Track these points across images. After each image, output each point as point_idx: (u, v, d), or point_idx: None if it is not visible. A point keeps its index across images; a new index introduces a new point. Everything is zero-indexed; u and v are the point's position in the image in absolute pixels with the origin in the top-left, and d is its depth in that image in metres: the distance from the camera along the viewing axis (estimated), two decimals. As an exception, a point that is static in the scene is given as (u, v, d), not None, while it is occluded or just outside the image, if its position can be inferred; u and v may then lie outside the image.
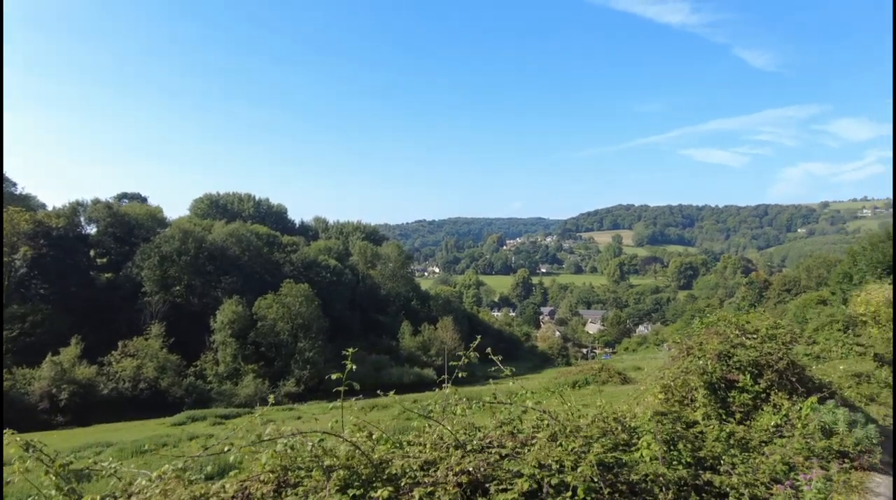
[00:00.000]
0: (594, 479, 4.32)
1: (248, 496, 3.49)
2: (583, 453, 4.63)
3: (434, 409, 5.30)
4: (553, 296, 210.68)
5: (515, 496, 3.89)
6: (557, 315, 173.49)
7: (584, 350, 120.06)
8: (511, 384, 6.51)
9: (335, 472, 3.46)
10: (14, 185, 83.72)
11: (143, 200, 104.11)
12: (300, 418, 39.60)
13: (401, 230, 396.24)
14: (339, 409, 4.86)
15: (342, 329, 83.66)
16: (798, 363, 9.46)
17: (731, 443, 6.56)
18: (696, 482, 5.26)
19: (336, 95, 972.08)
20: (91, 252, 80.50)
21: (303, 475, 3.55)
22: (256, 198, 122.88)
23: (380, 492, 3.46)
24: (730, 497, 5.32)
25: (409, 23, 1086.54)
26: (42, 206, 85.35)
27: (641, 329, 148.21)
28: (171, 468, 3.73)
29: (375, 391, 6.41)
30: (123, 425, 48.26)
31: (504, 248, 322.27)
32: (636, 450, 5.40)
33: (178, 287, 76.39)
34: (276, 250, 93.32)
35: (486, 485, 4.02)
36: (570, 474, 4.27)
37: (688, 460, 5.55)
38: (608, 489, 4.36)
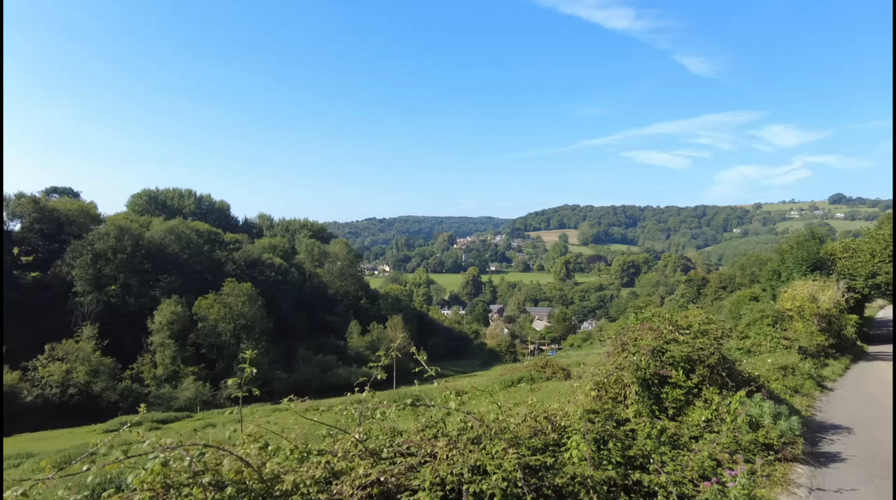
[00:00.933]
0: (517, 484, 4.11)
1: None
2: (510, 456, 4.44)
3: (351, 414, 4.96)
4: (502, 294, 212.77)
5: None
6: (506, 313, 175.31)
7: (532, 347, 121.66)
8: (456, 383, 6.28)
9: (227, 489, 3.08)
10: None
11: (76, 196, 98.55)
12: (240, 422, 38.22)
13: (350, 228, 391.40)
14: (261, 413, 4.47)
15: (288, 330, 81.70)
16: (729, 358, 9.63)
17: (663, 440, 6.51)
18: (626, 482, 5.14)
19: (281, 94, 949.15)
20: (14, 250, 75.46)
21: (184, 494, 3.15)
22: (198, 194, 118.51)
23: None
24: (658, 496, 5.23)
25: (357, 19, 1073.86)
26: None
27: (586, 326, 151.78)
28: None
29: (323, 393, 6.05)
30: (49, 433, 45.38)
31: (455, 246, 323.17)
32: (566, 450, 5.25)
33: (113, 287, 72.73)
34: (218, 247, 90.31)
35: (398, 496, 3.74)
36: (487, 481, 4.04)
37: (618, 459, 5.43)
38: (532, 495, 4.15)
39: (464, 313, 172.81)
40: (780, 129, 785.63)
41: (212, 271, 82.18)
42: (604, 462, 5.25)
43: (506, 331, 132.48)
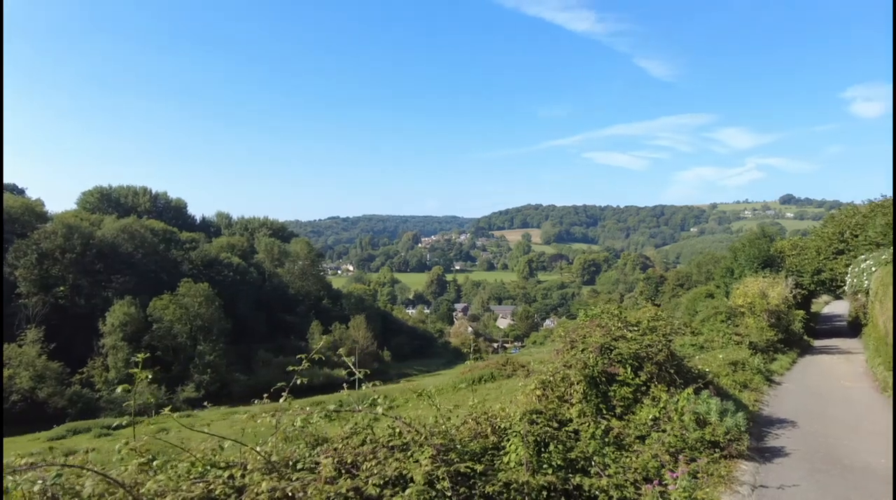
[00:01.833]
0: (446, 494, 3.87)
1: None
2: (442, 462, 4.18)
3: (266, 422, 4.62)
4: (466, 292, 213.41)
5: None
6: (470, 311, 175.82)
7: (495, 345, 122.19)
8: (419, 382, 6.01)
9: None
10: None
11: (21, 192, 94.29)
12: (194, 427, 37.18)
13: (313, 227, 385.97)
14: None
15: (247, 331, 79.97)
16: (677, 355, 9.62)
17: (607, 440, 6.37)
18: (566, 487, 4.97)
19: (241, 91, 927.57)
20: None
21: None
22: (153, 192, 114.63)
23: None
24: (599, 500, 5.08)
25: (319, 15, 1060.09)
26: None
27: (548, 323, 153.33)
28: None
29: (280, 395, 5.71)
30: (-13, 443, 43.01)
31: (419, 245, 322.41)
32: (505, 454, 5.05)
33: (62, 288, 69.82)
34: (174, 246, 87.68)
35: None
36: (407, 492, 3.79)
37: (558, 462, 5.24)
38: (461, 506, 3.93)
39: (428, 312, 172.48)
40: (735, 131, 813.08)
41: (167, 270, 79.74)
42: (544, 466, 5.05)
43: (470, 329, 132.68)
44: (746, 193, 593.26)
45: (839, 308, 52.19)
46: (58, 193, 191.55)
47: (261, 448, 4.09)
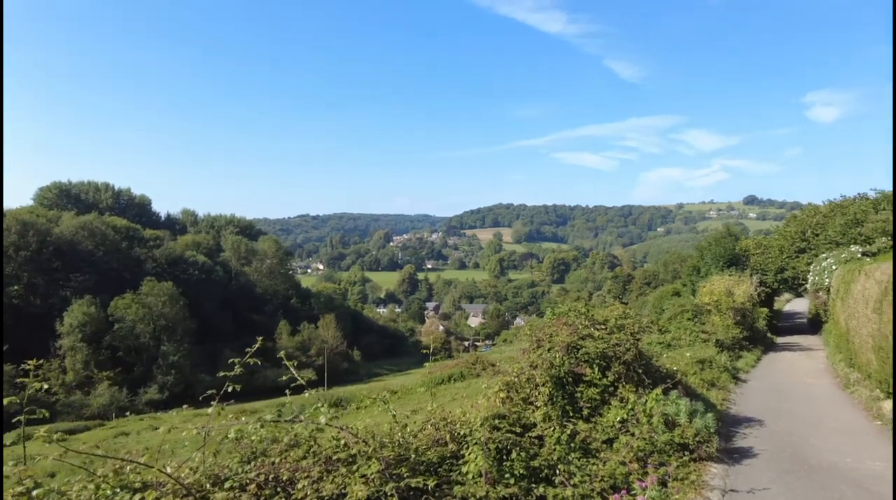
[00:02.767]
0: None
1: None
2: (390, 476, 3.79)
3: (191, 434, 4.14)
4: (438, 291, 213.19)
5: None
6: (442, 310, 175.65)
7: (466, 343, 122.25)
8: (388, 382, 5.59)
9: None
10: None
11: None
12: (157, 428, 36.05)
13: (282, 225, 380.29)
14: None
15: (212, 330, 78.12)
16: (646, 354, 9.41)
17: (573, 446, 6.07)
18: (529, 498, 4.66)
19: (207, 88, 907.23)
20: None
21: None
22: (116, 188, 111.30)
23: None
24: (563, 512, 4.75)
25: (289, 12, 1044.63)
26: None
27: (518, 321, 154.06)
28: None
29: (248, 396, 5.26)
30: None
31: (391, 244, 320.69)
32: (465, 463, 4.70)
33: (16, 287, 67.10)
34: (138, 244, 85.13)
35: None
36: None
37: (521, 471, 4.88)
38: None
39: (399, 311, 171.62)
40: (700, 133, 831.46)
41: (130, 269, 77.42)
42: (506, 476, 4.72)
43: (441, 328, 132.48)
44: (712, 194, 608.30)
45: (800, 306, 53.46)
46: (12, 190, 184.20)
47: (177, 464, 3.64)
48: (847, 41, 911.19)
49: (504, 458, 4.98)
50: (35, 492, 3.17)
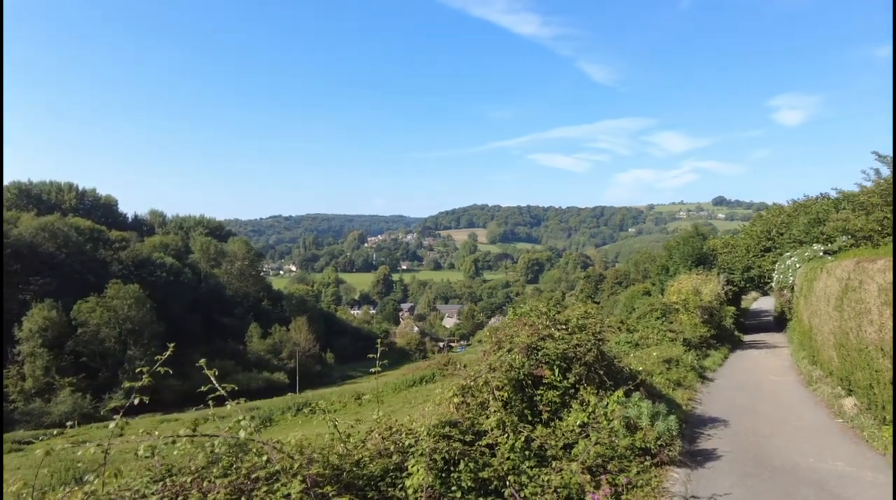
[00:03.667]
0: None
1: None
2: (315, 497, 3.47)
3: (89, 452, 3.75)
4: (413, 292, 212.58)
5: None
6: (417, 311, 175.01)
7: (441, 344, 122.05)
8: (361, 385, 5.22)
9: None
10: None
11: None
12: (122, 435, 35.01)
13: (254, 226, 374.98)
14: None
15: (181, 334, 76.07)
16: (608, 354, 9.20)
17: (528, 453, 5.79)
18: (475, 513, 4.39)
19: (177, 85, 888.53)
20: None
21: None
22: (80, 188, 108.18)
23: None
24: (512, 528, 4.47)
25: (259, 12, 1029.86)
26: None
27: (493, 321, 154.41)
28: None
29: (221, 400, 4.90)
30: None
31: (365, 245, 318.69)
32: (408, 476, 4.39)
33: (-30, 291, 64.52)
34: (103, 246, 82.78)
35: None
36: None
37: (468, 484, 4.60)
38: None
39: (374, 312, 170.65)
40: (671, 135, 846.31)
41: (94, 272, 75.20)
42: (452, 489, 4.42)
43: (416, 329, 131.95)
44: (682, 195, 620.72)
45: (766, 304, 54.41)
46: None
47: (68, 490, 3.27)
48: (811, 47, 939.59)
49: (451, 469, 4.70)
50: None
